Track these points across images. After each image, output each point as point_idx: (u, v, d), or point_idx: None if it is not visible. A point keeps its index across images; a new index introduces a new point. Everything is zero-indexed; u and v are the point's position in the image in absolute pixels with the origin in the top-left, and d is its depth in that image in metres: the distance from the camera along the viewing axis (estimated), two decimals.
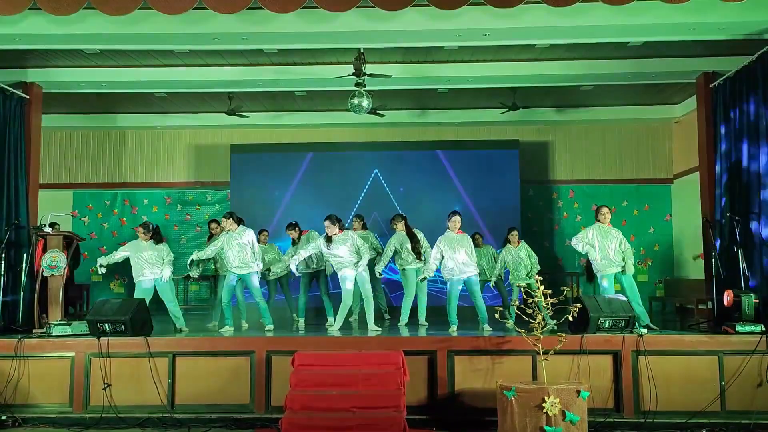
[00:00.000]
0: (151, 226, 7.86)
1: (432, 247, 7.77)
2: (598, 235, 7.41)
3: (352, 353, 6.35)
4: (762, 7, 6.84)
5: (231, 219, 7.72)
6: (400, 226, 8.35)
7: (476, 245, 8.80)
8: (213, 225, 9.10)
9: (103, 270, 7.72)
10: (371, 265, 8.25)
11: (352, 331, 7.72)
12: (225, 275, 8.83)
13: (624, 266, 7.33)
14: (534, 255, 8.77)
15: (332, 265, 7.84)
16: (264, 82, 9.42)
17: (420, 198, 11.16)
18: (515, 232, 8.84)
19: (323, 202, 10.82)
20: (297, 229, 8.88)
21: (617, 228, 7.56)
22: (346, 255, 7.49)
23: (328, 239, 7.52)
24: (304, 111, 11.52)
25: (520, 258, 8.62)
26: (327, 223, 7.55)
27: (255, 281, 7.71)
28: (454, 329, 7.34)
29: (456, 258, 7.47)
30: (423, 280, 7.85)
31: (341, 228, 7.71)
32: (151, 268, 7.57)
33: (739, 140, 7.69)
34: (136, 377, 6.44)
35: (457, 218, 7.69)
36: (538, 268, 8.67)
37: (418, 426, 6.03)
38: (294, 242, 8.87)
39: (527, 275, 8.54)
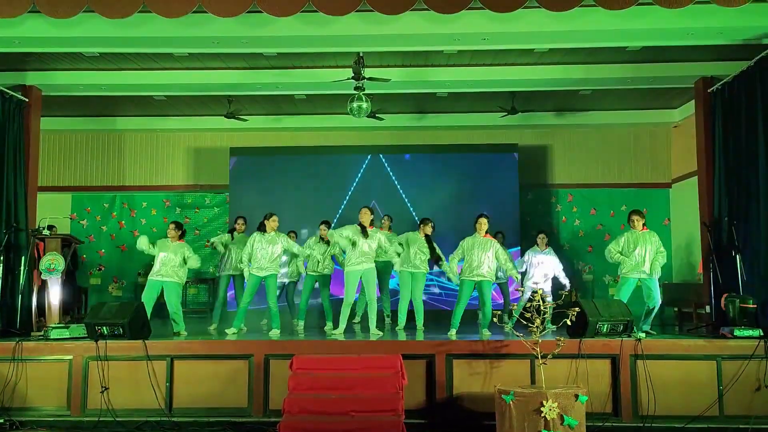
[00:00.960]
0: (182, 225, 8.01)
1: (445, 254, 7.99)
2: (630, 241, 7.43)
3: (350, 357, 6.34)
4: (760, 12, 6.85)
5: (275, 218, 7.88)
6: (427, 229, 8.26)
7: None
8: (240, 221, 9.18)
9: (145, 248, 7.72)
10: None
11: (355, 335, 7.72)
12: (224, 276, 8.85)
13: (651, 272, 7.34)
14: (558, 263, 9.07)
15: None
16: (263, 86, 9.42)
17: (418, 201, 11.19)
18: (542, 235, 8.95)
19: (323, 204, 10.84)
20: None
21: (652, 232, 7.55)
22: (368, 251, 7.52)
23: (364, 230, 7.55)
24: (303, 114, 11.52)
25: (541, 261, 8.79)
26: (365, 210, 7.66)
27: (274, 284, 7.73)
28: (453, 333, 7.34)
29: (473, 260, 7.45)
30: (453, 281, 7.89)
31: (371, 223, 7.79)
32: (165, 269, 7.58)
33: (738, 144, 7.71)
34: (134, 380, 6.42)
35: (483, 220, 7.63)
36: (562, 275, 9.00)
37: (417, 430, 6.01)
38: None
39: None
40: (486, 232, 7.64)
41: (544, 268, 9.04)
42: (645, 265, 7.31)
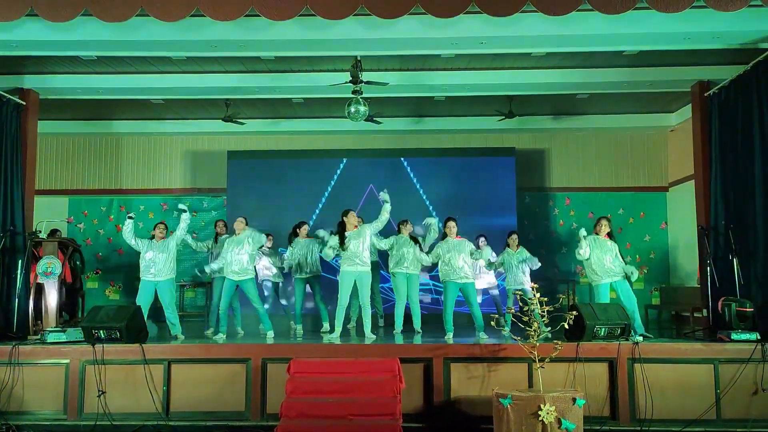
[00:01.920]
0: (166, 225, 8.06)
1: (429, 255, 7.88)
2: (592, 245, 7.42)
3: (348, 360, 6.34)
4: (756, 16, 6.87)
5: (243, 223, 7.87)
6: (405, 230, 8.30)
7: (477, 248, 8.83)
8: (220, 224, 9.18)
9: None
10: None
11: (350, 339, 7.72)
12: (219, 277, 8.83)
13: (625, 275, 7.36)
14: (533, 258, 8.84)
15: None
16: (261, 89, 9.42)
17: (416, 203, 11.20)
18: (515, 236, 8.90)
19: (322, 206, 10.85)
20: None
21: (614, 238, 7.61)
22: (358, 250, 7.46)
23: (343, 235, 7.51)
24: (301, 118, 11.53)
25: (514, 263, 8.65)
26: (352, 213, 7.64)
27: (252, 288, 7.70)
28: (449, 336, 7.34)
29: (452, 263, 7.49)
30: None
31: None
32: (156, 267, 7.55)
33: (734, 148, 7.73)
34: (131, 384, 6.42)
35: (452, 224, 7.74)
36: (534, 261, 8.70)
37: None
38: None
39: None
40: (457, 234, 7.69)
41: (520, 268, 8.78)
42: (613, 268, 7.33)
